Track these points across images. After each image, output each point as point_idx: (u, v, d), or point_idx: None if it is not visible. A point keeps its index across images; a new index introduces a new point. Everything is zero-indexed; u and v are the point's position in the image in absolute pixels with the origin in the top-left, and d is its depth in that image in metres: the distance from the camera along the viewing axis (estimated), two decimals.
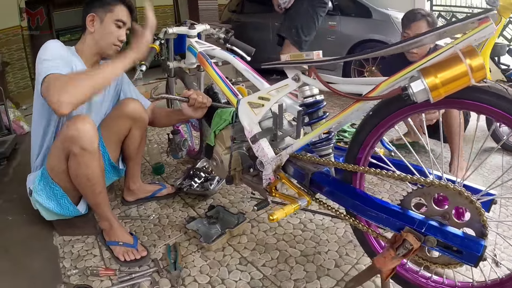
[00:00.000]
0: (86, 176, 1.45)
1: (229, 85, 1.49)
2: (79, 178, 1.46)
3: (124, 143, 1.79)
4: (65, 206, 1.60)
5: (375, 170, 1.10)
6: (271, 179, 1.31)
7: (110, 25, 1.57)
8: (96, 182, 1.48)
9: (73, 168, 1.45)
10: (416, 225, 1.00)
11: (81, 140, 1.38)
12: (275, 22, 4.79)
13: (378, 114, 1.11)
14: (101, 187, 1.52)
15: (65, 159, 1.46)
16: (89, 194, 1.52)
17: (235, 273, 1.44)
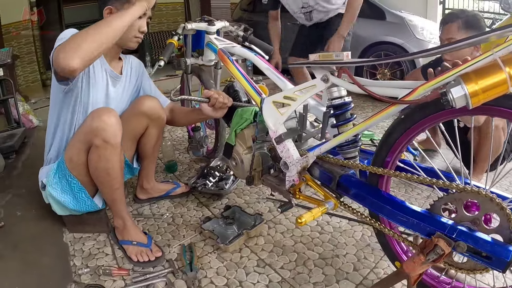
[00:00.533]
0: (106, 170, 1.42)
1: (252, 83, 1.46)
2: (98, 171, 1.44)
3: (140, 142, 1.76)
4: (82, 200, 1.57)
5: (406, 175, 1.08)
6: (295, 180, 1.28)
7: None
8: (115, 177, 1.46)
9: (94, 161, 1.42)
10: (447, 230, 0.99)
11: (105, 132, 1.36)
12: (287, 22, 4.76)
13: (410, 118, 1.08)
14: (119, 183, 1.50)
15: (86, 151, 1.44)
16: (106, 189, 1.50)
17: (253, 276, 1.41)
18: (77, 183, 1.52)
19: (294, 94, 1.27)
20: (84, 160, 1.45)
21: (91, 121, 1.39)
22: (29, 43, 4.62)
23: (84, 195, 1.56)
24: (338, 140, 1.18)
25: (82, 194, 1.56)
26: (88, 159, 1.44)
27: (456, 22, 1.75)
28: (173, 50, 1.73)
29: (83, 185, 1.53)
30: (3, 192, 1.94)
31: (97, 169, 1.43)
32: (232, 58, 1.57)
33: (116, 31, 1.31)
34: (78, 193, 1.55)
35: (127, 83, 1.69)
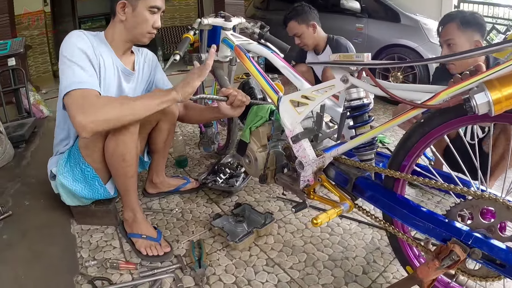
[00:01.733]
0: (123, 156, 1.42)
1: (269, 81, 1.44)
2: (114, 157, 1.43)
3: (151, 136, 1.75)
4: (95, 188, 1.57)
5: (423, 179, 1.07)
6: (309, 181, 1.27)
7: (143, 12, 1.44)
8: (131, 164, 1.46)
9: (111, 146, 1.41)
10: (463, 236, 0.98)
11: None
12: None
13: (430, 122, 1.07)
14: (134, 172, 1.50)
15: (103, 137, 1.43)
16: (121, 176, 1.49)
17: (261, 275, 1.40)
18: (91, 170, 1.52)
19: (312, 94, 1.26)
20: (101, 146, 1.45)
21: None
22: (42, 34, 4.63)
23: (97, 183, 1.56)
24: (356, 141, 1.17)
25: (96, 182, 1.56)
26: (105, 145, 1.44)
27: (454, 22, 1.68)
28: (189, 44, 1.72)
29: (96, 173, 1.53)
30: (12, 181, 1.94)
31: (113, 155, 1.43)
32: (249, 55, 1.56)
33: (138, 114, 1.31)
34: (92, 181, 1.55)
35: (140, 78, 1.67)
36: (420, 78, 3.69)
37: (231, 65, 2.03)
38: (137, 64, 1.65)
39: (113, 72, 1.50)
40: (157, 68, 1.78)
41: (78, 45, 1.34)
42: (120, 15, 1.45)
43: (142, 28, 1.47)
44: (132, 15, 1.44)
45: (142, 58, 1.69)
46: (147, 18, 1.46)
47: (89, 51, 1.37)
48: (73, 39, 1.36)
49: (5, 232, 1.49)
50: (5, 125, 2.74)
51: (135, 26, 1.47)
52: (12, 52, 3.10)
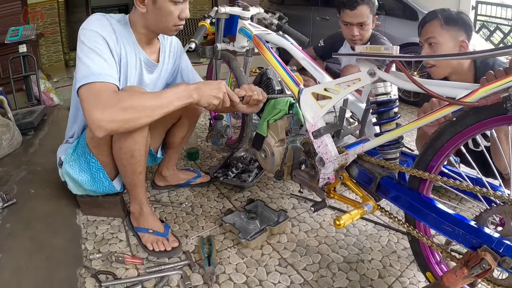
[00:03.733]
0: (131, 152, 1.35)
1: (290, 72, 1.38)
2: (123, 152, 1.36)
3: (170, 131, 1.70)
4: (99, 180, 1.52)
5: (454, 182, 0.99)
6: (330, 178, 1.21)
7: (165, 4, 1.28)
8: (139, 160, 1.39)
9: (120, 140, 1.33)
10: (494, 244, 0.91)
11: None
12: (316, 16, 4.66)
13: (463, 121, 1.00)
14: (142, 167, 1.43)
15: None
16: (128, 172, 1.42)
17: (274, 275, 1.34)
18: (96, 162, 1.47)
19: (335, 87, 1.20)
20: (108, 139, 1.39)
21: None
22: (54, 23, 4.62)
23: (102, 175, 1.51)
24: (382, 139, 1.11)
25: (100, 174, 1.50)
26: (113, 139, 1.37)
27: (436, 20, 1.56)
28: (205, 33, 1.66)
29: (102, 166, 1.48)
30: (18, 168, 1.91)
31: (121, 150, 1.35)
32: (268, 45, 1.49)
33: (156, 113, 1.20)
34: (96, 173, 1.50)
35: (164, 68, 1.58)
36: None
37: (247, 57, 1.97)
38: (162, 54, 1.54)
39: (134, 62, 1.41)
40: (183, 55, 1.69)
41: (99, 31, 1.24)
42: (140, 7, 1.31)
43: (166, 21, 1.32)
44: (153, 7, 1.29)
45: (169, 46, 1.59)
46: (171, 10, 1.30)
47: (110, 39, 1.27)
48: (94, 24, 1.25)
49: (8, 221, 1.44)
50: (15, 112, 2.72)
51: (159, 20, 1.33)
52: (23, 38, 3.08)
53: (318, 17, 4.63)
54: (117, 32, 1.31)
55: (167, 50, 1.58)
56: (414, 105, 3.66)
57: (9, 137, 2.16)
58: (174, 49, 1.63)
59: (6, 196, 1.53)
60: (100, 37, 1.24)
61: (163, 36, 1.57)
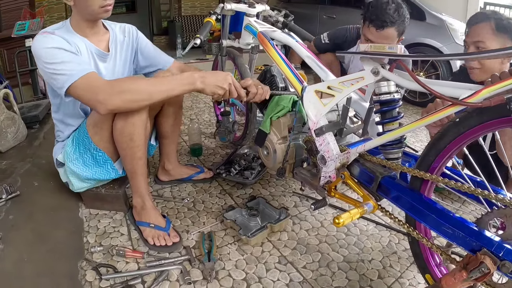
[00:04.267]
0: (130, 135, 1.37)
1: (294, 69, 1.38)
2: (122, 136, 1.39)
3: (158, 121, 1.71)
4: (107, 171, 1.55)
5: (455, 183, 0.98)
6: (331, 177, 1.21)
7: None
8: (139, 144, 1.41)
9: (120, 125, 1.37)
10: (494, 248, 0.90)
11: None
12: (323, 15, 4.65)
13: (466, 122, 0.98)
14: (142, 153, 1.44)
15: (112, 115, 1.39)
16: (128, 156, 1.44)
17: (273, 273, 1.35)
18: (103, 154, 1.49)
19: (339, 85, 1.19)
20: (109, 124, 1.41)
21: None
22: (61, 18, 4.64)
23: (110, 166, 1.54)
24: (385, 138, 1.10)
25: (108, 166, 1.54)
26: (113, 124, 1.40)
27: (488, 23, 1.48)
28: (210, 29, 1.66)
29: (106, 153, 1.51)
30: (23, 161, 1.93)
31: (121, 134, 1.38)
32: (273, 42, 1.49)
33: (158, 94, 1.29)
34: (104, 164, 1.53)
35: (119, 55, 1.59)
36: (443, 79, 3.58)
37: (252, 53, 1.97)
38: (112, 42, 1.57)
39: (87, 56, 1.45)
40: (140, 38, 1.69)
41: (52, 46, 1.28)
42: (67, 2, 1.37)
43: (91, 5, 1.35)
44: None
45: (121, 32, 1.62)
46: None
47: (65, 45, 1.31)
48: (43, 43, 1.29)
49: (11, 212, 1.46)
50: (20, 105, 2.74)
51: (85, 7, 1.36)
52: (30, 32, 3.09)
53: (325, 15, 4.62)
54: (64, 36, 1.35)
55: (119, 37, 1.60)
56: (420, 106, 3.65)
57: (14, 130, 2.18)
58: (128, 34, 1.65)
59: (10, 188, 1.54)
60: (56, 49, 1.28)
61: (112, 26, 1.60)
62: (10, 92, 2.31)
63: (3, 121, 2.09)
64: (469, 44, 1.55)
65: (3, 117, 2.11)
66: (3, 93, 2.19)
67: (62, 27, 1.43)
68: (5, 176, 1.75)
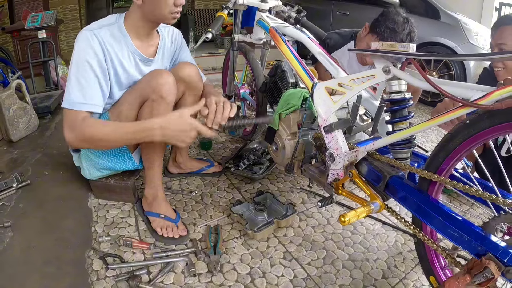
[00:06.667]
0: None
1: (305, 66, 1.37)
2: None
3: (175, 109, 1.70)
4: (123, 161, 1.57)
5: (464, 186, 0.97)
6: (339, 175, 1.20)
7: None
8: None
9: (147, 114, 1.39)
10: (499, 253, 0.89)
11: (163, 88, 1.36)
12: (336, 11, 4.60)
13: (477, 124, 0.96)
14: (163, 145, 1.48)
15: (138, 106, 1.41)
16: (150, 148, 1.47)
17: (277, 268, 1.35)
18: None
19: (349, 83, 1.18)
20: (134, 115, 1.43)
21: (150, 78, 1.39)
22: (74, 10, 4.68)
23: (126, 156, 1.55)
24: (394, 137, 1.09)
25: (125, 155, 1.55)
26: (139, 113, 1.42)
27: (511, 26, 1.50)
28: (222, 24, 1.66)
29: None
30: (34, 150, 1.96)
31: None
32: (284, 38, 1.49)
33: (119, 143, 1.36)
34: (121, 153, 1.54)
35: (161, 60, 1.59)
36: (456, 79, 3.53)
37: (264, 49, 1.97)
38: (160, 47, 1.56)
39: (129, 61, 1.44)
40: (183, 47, 1.70)
41: (85, 56, 1.29)
42: (135, 0, 1.33)
43: (162, 9, 1.33)
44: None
45: (169, 38, 1.61)
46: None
47: (95, 60, 1.31)
48: (82, 46, 1.30)
49: (21, 201, 1.49)
50: (33, 95, 2.79)
51: (154, 9, 1.34)
52: (43, 24, 3.13)
53: (338, 11, 4.58)
54: (104, 43, 1.33)
55: (167, 42, 1.60)
56: (432, 106, 3.60)
57: (26, 120, 2.22)
58: (175, 40, 1.65)
59: (21, 177, 1.58)
60: (85, 62, 1.29)
61: (164, 29, 1.58)
62: (23, 83, 2.35)
63: (15, 111, 2.13)
64: (494, 46, 1.56)
65: (16, 107, 2.15)
66: (15, 83, 2.23)
67: (113, 23, 1.40)
68: (16, 165, 1.78)
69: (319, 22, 2.61)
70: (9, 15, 4.09)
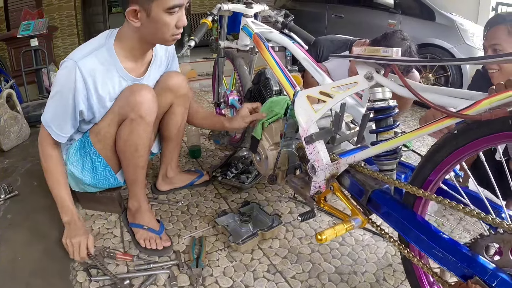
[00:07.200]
0: (135, 146, 1.36)
1: (287, 73, 1.33)
2: (127, 146, 1.37)
3: (164, 121, 1.66)
4: (105, 178, 1.53)
5: (450, 202, 0.91)
6: (321, 187, 1.16)
7: (161, 15, 1.21)
8: (142, 154, 1.40)
9: (125, 134, 1.35)
10: (487, 276, 0.83)
11: (143, 107, 1.31)
12: (331, 14, 4.58)
13: (465, 135, 0.91)
14: (144, 163, 1.44)
15: (117, 124, 1.38)
16: (131, 166, 1.43)
17: (261, 281, 1.31)
18: (102, 160, 1.46)
19: (331, 90, 1.14)
20: (113, 133, 1.39)
21: (129, 95, 1.33)
22: (70, 16, 4.69)
23: (108, 172, 1.51)
24: (377, 149, 1.04)
25: (106, 172, 1.51)
26: (118, 132, 1.38)
27: (503, 25, 1.43)
28: (206, 31, 1.63)
29: (107, 162, 1.48)
30: (24, 160, 1.94)
31: (126, 143, 1.37)
32: (267, 44, 1.45)
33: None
34: (102, 171, 1.50)
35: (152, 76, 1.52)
36: (453, 81, 3.50)
37: (252, 55, 1.93)
38: (152, 64, 1.48)
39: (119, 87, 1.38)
40: (174, 59, 1.65)
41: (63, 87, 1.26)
42: (133, 22, 1.23)
43: (163, 33, 1.26)
44: (147, 20, 1.22)
45: (162, 51, 1.54)
46: (167, 21, 1.23)
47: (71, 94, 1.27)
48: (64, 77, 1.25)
49: (9, 212, 1.48)
50: (26, 104, 2.78)
51: (155, 32, 1.27)
52: (35, 32, 3.12)
53: (333, 14, 4.55)
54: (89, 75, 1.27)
55: (160, 56, 1.53)
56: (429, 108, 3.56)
57: (17, 129, 2.21)
58: (168, 54, 1.59)
59: (8, 188, 1.58)
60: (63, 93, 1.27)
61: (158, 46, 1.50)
62: (13, 92, 2.33)
63: (6, 121, 2.13)
64: (487, 47, 1.50)
65: (6, 116, 2.14)
66: (6, 93, 2.21)
67: (102, 46, 1.31)
68: (6, 175, 1.78)
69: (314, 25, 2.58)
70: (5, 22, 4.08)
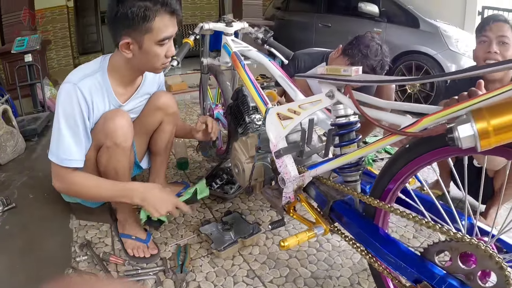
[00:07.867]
0: (115, 169, 1.44)
1: (260, 91, 1.42)
2: (107, 171, 1.44)
3: (153, 138, 1.75)
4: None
5: (401, 212, 0.98)
6: (290, 198, 1.25)
7: (152, 47, 1.29)
8: (124, 174, 1.47)
9: (104, 160, 1.42)
10: (435, 281, 0.90)
11: (116, 135, 1.36)
12: (319, 23, 4.67)
13: (415, 149, 0.98)
14: (126, 180, 1.51)
15: (96, 149, 1.44)
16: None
17: (240, 286, 1.39)
18: None
19: (298, 108, 1.22)
20: (93, 156, 1.45)
21: (104, 122, 1.38)
22: (64, 28, 4.77)
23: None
24: (338, 162, 1.12)
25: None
26: (97, 157, 1.45)
27: (506, 23, 1.52)
28: (189, 50, 1.71)
29: None
30: (20, 173, 1.99)
31: (106, 169, 1.44)
32: (244, 63, 1.54)
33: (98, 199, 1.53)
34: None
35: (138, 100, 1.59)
36: (438, 87, 3.58)
37: (234, 70, 2.01)
38: (140, 88, 1.56)
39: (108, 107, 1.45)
40: (161, 81, 1.74)
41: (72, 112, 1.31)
42: (125, 53, 1.31)
43: (154, 63, 1.35)
44: (139, 52, 1.30)
45: (152, 75, 1.61)
46: (158, 53, 1.31)
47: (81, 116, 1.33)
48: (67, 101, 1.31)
49: (8, 223, 1.52)
50: (21, 118, 2.82)
51: (146, 62, 1.36)
52: (28, 48, 3.20)
53: (320, 23, 4.64)
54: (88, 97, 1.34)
55: (147, 82, 1.61)
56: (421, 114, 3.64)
57: (13, 144, 2.25)
58: (158, 80, 1.69)
59: (6, 201, 1.62)
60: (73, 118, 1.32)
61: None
62: (9, 108, 2.38)
63: (2, 135, 2.16)
64: (492, 38, 1.55)
65: (2, 131, 2.18)
66: (2, 109, 2.28)
67: (97, 71, 1.39)
68: (3, 188, 1.82)
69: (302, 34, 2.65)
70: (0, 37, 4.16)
